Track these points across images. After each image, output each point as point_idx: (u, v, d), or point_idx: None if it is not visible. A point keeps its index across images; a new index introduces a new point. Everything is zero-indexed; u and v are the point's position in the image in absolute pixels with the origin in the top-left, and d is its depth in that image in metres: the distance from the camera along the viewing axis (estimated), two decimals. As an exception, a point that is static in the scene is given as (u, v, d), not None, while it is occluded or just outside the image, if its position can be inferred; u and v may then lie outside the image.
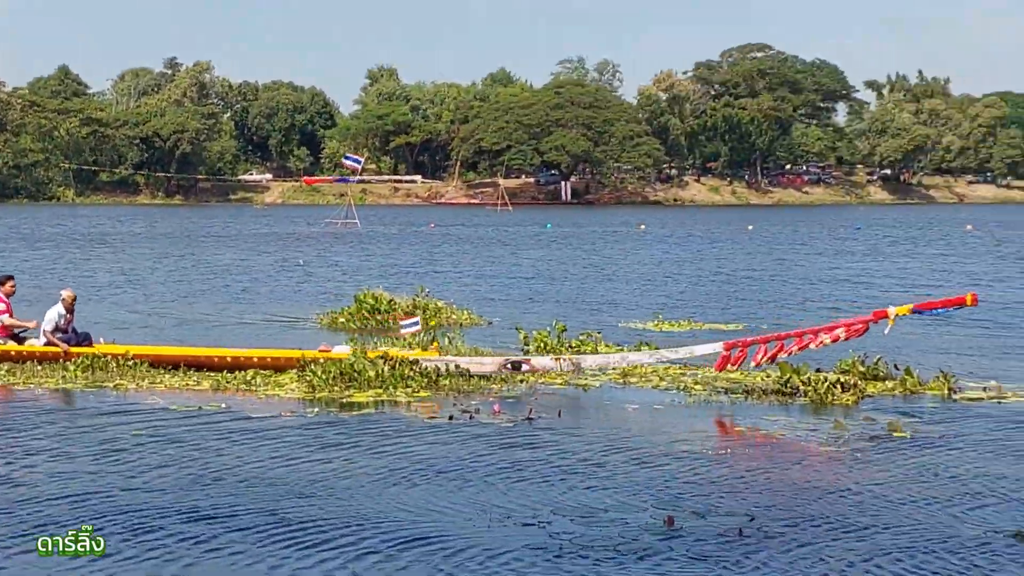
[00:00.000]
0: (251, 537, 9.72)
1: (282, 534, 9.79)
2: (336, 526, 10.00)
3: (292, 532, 9.83)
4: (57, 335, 18.48)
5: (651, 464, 12.29)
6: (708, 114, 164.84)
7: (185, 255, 50.50)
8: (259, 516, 10.28)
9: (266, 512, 10.39)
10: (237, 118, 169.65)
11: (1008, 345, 17.25)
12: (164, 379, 17.38)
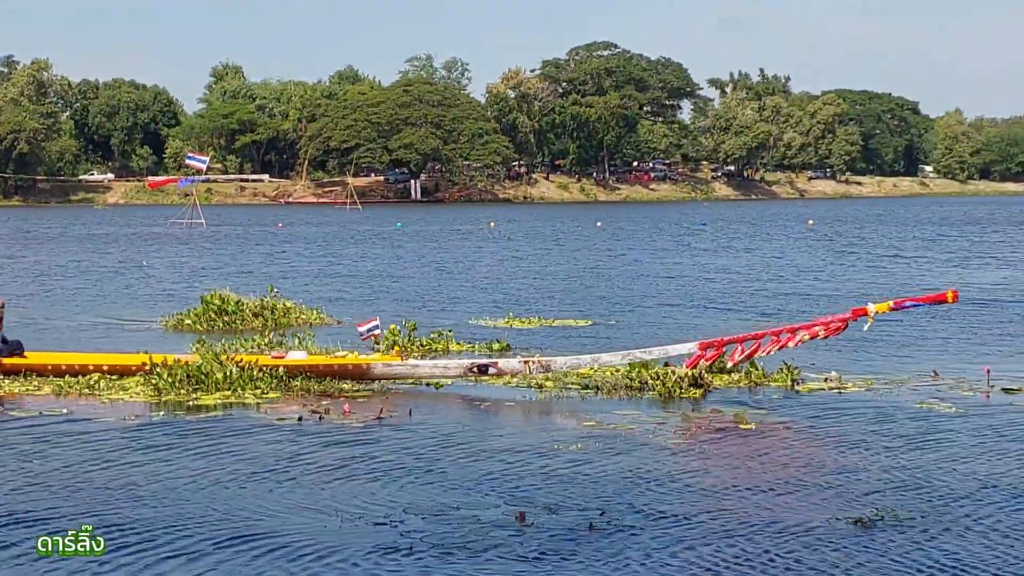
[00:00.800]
0: (117, 546, 9.45)
1: (119, 539, 9.54)
2: (182, 530, 9.80)
3: (132, 537, 9.60)
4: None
5: (502, 460, 12.32)
6: (556, 112, 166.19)
7: (19, 257, 49.13)
8: (112, 520, 10.02)
9: (104, 517, 10.13)
10: (77, 117, 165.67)
11: (847, 337, 17.72)
12: (3, 385, 16.84)
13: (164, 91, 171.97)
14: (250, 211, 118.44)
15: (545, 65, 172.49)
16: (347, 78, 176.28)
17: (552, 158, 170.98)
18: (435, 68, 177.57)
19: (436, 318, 25.29)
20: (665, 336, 22.03)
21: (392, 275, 38.99)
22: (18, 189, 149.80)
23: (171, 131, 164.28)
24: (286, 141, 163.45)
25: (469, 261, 46.01)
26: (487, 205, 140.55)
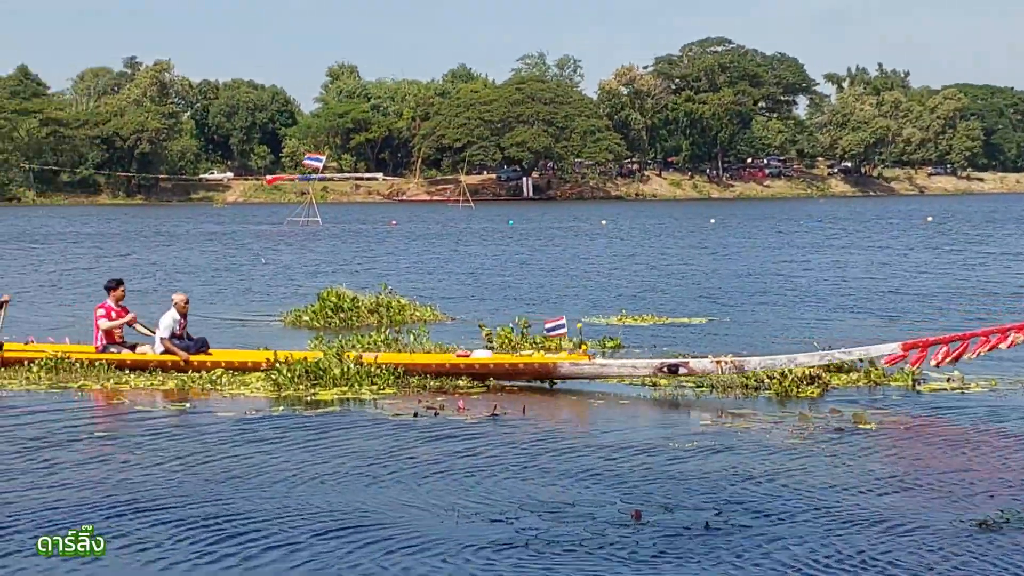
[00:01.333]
0: (207, 533, 9.64)
1: (245, 532, 9.71)
2: (302, 525, 9.94)
3: (255, 530, 9.76)
4: (174, 342, 17.81)
5: (618, 459, 12.28)
6: (669, 108, 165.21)
7: (141, 254, 50.16)
8: (218, 511, 10.20)
9: (229, 509, 10.31)
10: (197, 117, 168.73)
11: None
12: (130, 379, 17.23)
13: (281, 91, 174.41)
14: (364, 209, 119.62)
15: (658, 61, 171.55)
16: (460, 76, 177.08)
17: (665, 155, 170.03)
18: (548, 66, 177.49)
19: (548, 315, 25.26)
20: (783, 335, 21.80)
21: (504, 272, 39.08)
22: (141, 188, 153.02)
23: (288, 130, 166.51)
24: (400, 140, 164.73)
25: (581, 258, 45.95)
26: (599, 203, 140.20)
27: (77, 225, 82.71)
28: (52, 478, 11.58)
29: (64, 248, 55.64)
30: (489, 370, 16.98)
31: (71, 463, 12.25)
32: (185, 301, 18.31)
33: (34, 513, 10.20)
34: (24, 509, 10.36)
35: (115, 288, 18.48)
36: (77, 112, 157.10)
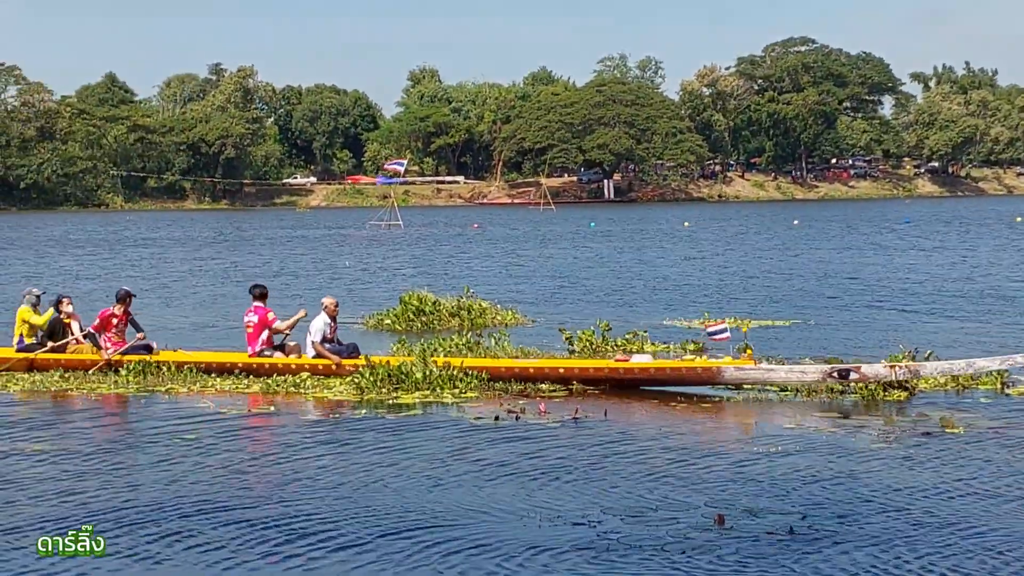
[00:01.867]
0: (289, 538, 9.71)
1: (326, 535, 9.77)
2: (382, 527, 9.98)
3: (338, 532, 9.81)
4: (326, 346, 17.75)
5: (700, 462, 12.19)
6: (752, 109, 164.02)
7: (224, 258, 50.73)
8: (296, 516, 10.28)
9: (306, 513, 10.39)
10: (281, 122, 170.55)
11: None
12: (215, 383, 17.43)
13: (363, 96, 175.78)
14: (446, 212, 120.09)
15: (741, 62, 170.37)
16: (541, 79, 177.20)
17: (748, 156, 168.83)
18: (629, 67, 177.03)
19: (630, 318, 25.19)
20: (870, 339, 21.45)
21: (585, 275, 39.01)
22: (226, 193, 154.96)
23: (370, 135, 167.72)
24: (481, 143, 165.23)
25: (662, 261, 45.74)
26: (681, 204, 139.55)
27: (166, 230, 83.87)
28: (125, 479, 11.74)
29: (159, 252, 56.44)
30: (649, 375, 16.54)
31: (144, 464, 12.45)
32: (335, 305, 18.28)
33: (105, 513, 10.38)
34: (97, 509, 10.54)
35: (263, 293, 18.48)
36: (164, 119, 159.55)
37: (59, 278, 39.60)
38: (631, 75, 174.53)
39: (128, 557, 9.25)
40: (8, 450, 13.16)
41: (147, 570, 9.04)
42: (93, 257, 52.97)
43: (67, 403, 16.53)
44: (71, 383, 17.72)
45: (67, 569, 8.80)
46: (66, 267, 46.14)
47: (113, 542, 9.59)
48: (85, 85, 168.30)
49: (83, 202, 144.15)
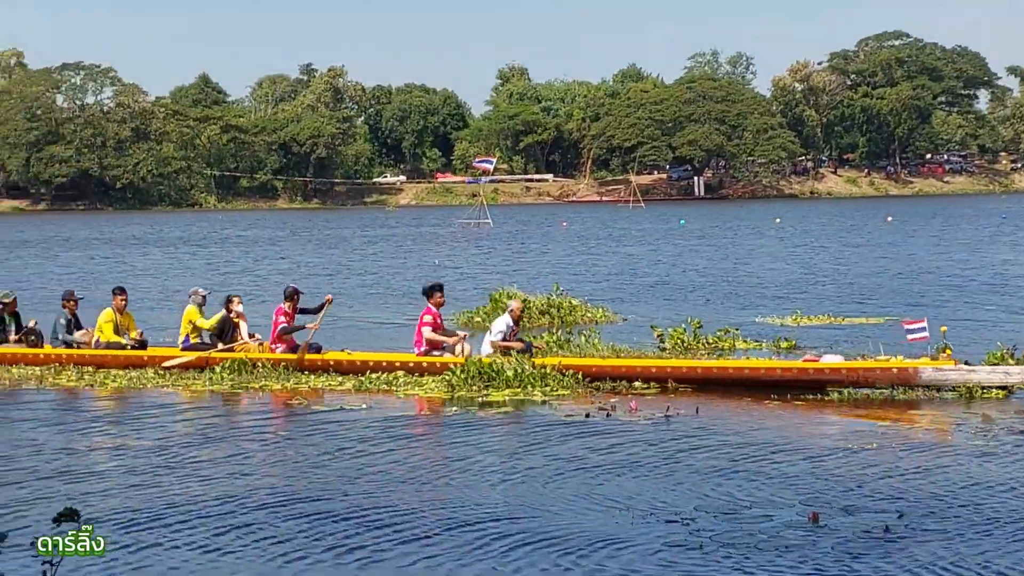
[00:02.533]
0: (380, 535, 9.77)
1: (421, 532, 9.81)
2: (475, 523, 10.00)
3: (431, 530, 9.85)
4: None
5: (794, 460, 12.06)
6: (845, 104, 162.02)
7: (315, 257, 51.19)
8: (388, 512, 10.33)
9: (400, 509, 10.44)
10: (371, 121, 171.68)
11: None
12: (309, 380, 17.59)
13: (453, 94, 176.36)
14: (535, 210, 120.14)
15: (833, 57, 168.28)
16: (630, 76, 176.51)
17: (840, 152, 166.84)
18: (720, 63, 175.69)
19: (721, 315, 25.02)
20: (968, 336, 21.07)
21: (675, 272, 38.82)
22: (317, 192, 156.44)
23: (459, 133, 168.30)
24: (570, 141, 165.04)
25: (754, 257, 45.37)
26: (772, 201, 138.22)
27: (262, 230, 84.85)
28: (201, 473, 11.94)
29: (257, 250, 57.15)
30: (840, 376, 16.08)
31: (220, 458, 12.64)
32: (521, 309, 18.40)
33: (177, 507, 10.57)
34: (170, 502, 10.73)
35: (435, 294, 18.38)
36: (256, 119, 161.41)
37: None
38: (722, 71, 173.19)
39: (197, 549, 9.44)
40: (88, 446, 13.44)
41: (214, 561, 9.22)
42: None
43: (160, 399, 16.78)
44: (166, 379, 18.00)
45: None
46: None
47: (182, 534, 9.81)
48: (179, 86, 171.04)
49: (177, 202, 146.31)
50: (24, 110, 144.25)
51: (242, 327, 19.07)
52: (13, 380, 18.20)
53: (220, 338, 18.92)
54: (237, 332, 18.99)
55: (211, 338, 19.02)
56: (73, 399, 16.83)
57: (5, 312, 20.03)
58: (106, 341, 19.26)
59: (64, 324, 19.69)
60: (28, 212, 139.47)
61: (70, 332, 19.62)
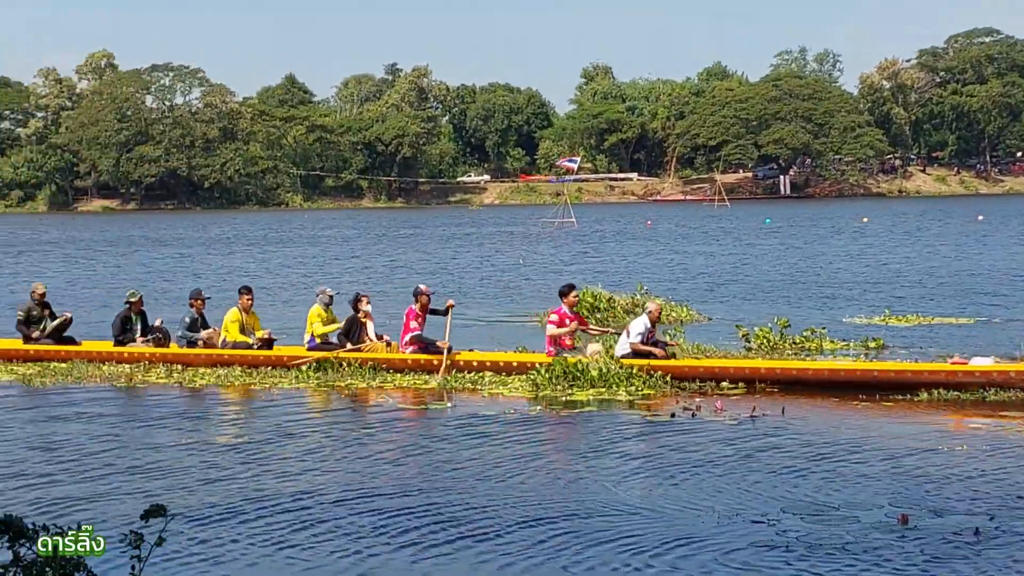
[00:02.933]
0: (456, 532, 9.83)
1: (497, 529, 9.84)
2: (553, 521, 10.01)
3: (508, 527, 9.88)
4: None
5: (883, 461, 11.94)
6: (934, 102, 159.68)
7: (397, 255, 51.47)
8: (464, 509, 10.38)
9: (476, 506, 10.48)
10: (455, 121, 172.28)
11: None
12: (395, 379, 17.70)
13: (537, 94, 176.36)
14: (619, 209, 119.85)
15: (922, 54, 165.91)
16: (715, 75, 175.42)
17: (929, 150, 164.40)
18: (806, 61, 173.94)
19: (807, 315, 24.79)
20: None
21: (761, 271, 38.52)
22: (401, 191, 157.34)
23: (543, 132, 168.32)
24: (654, 139, 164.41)
25: (841, 256, 44.87)
26: (859, 200, 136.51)
27: (346, 228, 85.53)
28: (275, 469, 12.08)
29: (351, 248, 57.65)
30: (990, 379, 15.47)
31: (300, 455, 12.79)
32: (659, 311, 18.04)
33: (246, 502, 10.72)
34: (242, 497, 10.87)
35: (568, 294, 18.40)
36: (341, 119, 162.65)
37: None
38: (808, 69, 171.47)
39: (273, 544, 9.57)
40: (171, 441, 13.67)
41: (290, 556, 9.34)
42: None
43: (245, 396, 17.00)
44: (253, 377, 18.20)
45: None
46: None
47: (258, 528, 9.97)
48: (266, 86, 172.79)
49: (264, 201, 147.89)
50: (114, 111, 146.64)
51: (369, 327, 18.85)
52: (103, 377, 18.48)
53: (347, 338, 18.67)
54: (364, 332, 18.78)
55: (338, 338, 18.77)
56: (160, 396, 17.08)
57: (131, 311, 20.11)
58: (232, 341, 19.20)
59: (188, 322, 19.60)
60: (118, 211, 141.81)
61: (193, 330, 19.54)
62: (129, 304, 20.24)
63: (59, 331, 20.47)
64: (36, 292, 20.88)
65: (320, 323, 18.99)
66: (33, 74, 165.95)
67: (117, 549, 5.56)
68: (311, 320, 19.10)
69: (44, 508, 10.53)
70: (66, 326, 20.62)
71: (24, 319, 20.55)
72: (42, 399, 16.90)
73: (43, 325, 20.45)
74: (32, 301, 20.77)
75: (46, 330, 20.36)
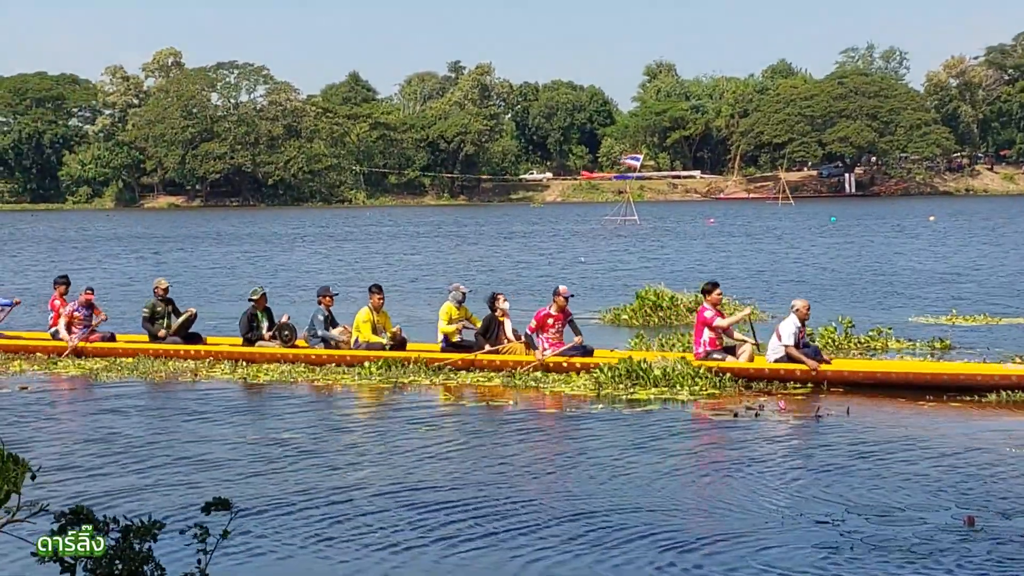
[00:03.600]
0: (503, 525, 9.83)
1: (543, 526, 9.82)
2: (607, 518, 9.97)
3: (554, 524, 9.86)
4: (802, 350, 16.64)
5: (950, 462, 11.78)
6: (1002, 100, 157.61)
7: (457, 252, 51.58)
8: (516, 504, 10.38)
9: (530, 501, 10.47)
10: (518, 118, 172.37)
11: None
12: (459, 376, 17.74)
13: (600, 91, 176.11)
14: (682, 207, 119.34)
15: (989, 51, 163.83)
16: (780, 72, 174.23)
17: (997, 148, 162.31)
18: (873, 59, 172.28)
19: (872, 315, 24.56)
20: None
21: (826, 270, 38.21)
22: (464, 189, 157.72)
23: (606, 130, 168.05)
24: (718, 137, 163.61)
25: (907, 255, 44.41)
26: (926, 198, 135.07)
27: (413, 225, 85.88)
28: (341, 461, 12.14)
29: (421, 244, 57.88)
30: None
31: (355, 450, 12.84)
32: (807, 307, 17.21)
33: (303, 495, 10.73)
34: (292, 492, 10.88)
35: (711, 292, 17.82)
36: (404, 116, 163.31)
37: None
38: (875, 66, 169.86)
39: (313, 538, 9.60)
40: (216, 435, 13.79)
41: (332, 547, 9.37)
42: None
43: (307, 392, 17.10)
44: (316, 373, 18.26)
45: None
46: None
47: (302, 522, 10.00)
48: (329, 84, 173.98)
49: (327, 198, 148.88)
50: (180, 108, 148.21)
51: (506, 325, 18.39)
52: (169, 373, 18.62)
53: (485, 337, 18.23)
54: (502, 331, 18.34)
55: (476, 337, 18.33)
56: (223, 391, 17.21)
57: (257, 308, 19.85)
58: (365, 341, 18.84)
59: (322, 320, 19.26)
60: (184, 208, 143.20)
61: (327, 328, 19.26)
62: (253, 301, 19.97)
63: (184, 328, 20.27)
64: (159, 288, 20.63)
65: (446, 321, 18.54)
66: (101, 72, 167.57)
67: (180, 540, 5.61)
68: (443, 318, 18.72)
69: (97, 499, 10.63)
70: (191, 322, 20.46)
71: (149, 316, 20.35)
72: (103, 391, 17.10)
73: (166, 322, 20.30)
74: (156, 297, 20.59)
75: (171, 328, 20.21)
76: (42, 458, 12.01)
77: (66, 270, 28.97)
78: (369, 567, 8.96)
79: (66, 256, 52.55)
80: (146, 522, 5.48)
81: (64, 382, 18.22)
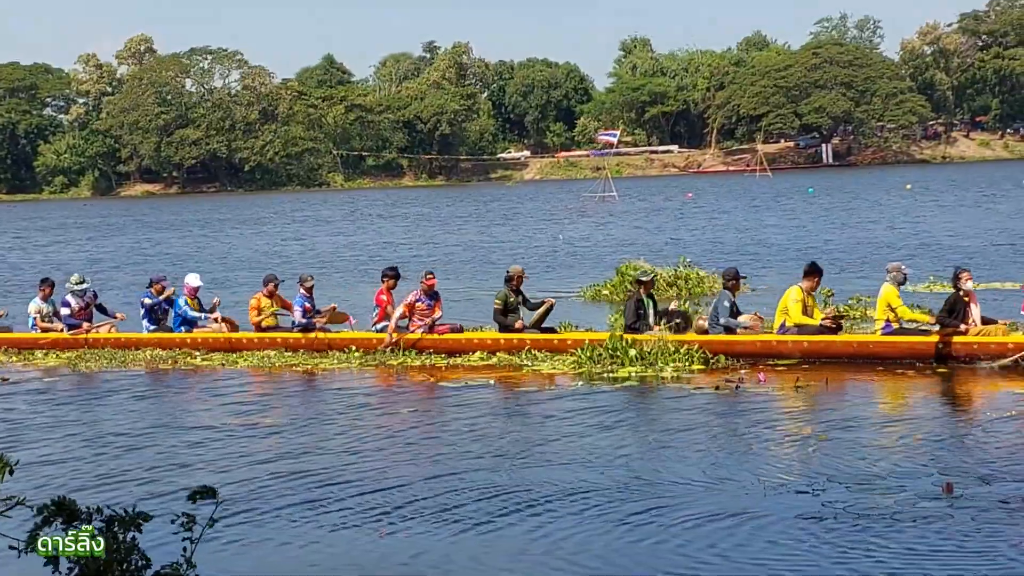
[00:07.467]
0: (501, 505, 9.86)
1: (538, 506, 9.87)
2: (598, 496, 10.02)
3: (560, 500, 9.90)
4: None
5: (929, 430, 11.88)
6: (976, 66, 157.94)
7: (440, 234, 51.56)
8: (511, 484, 10.42)
9: (526, 480, 10.52)
10: (494, 97, 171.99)
11: None
12: (449, 360, 17.68)
13: (576, 68, 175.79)
14: (660, 182, 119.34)
15: (963, 18, 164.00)
16: (755, 44, 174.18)
17: (973, 115, 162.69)
18: (847, 28, 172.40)
19: (851, 284, 24.65)
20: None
21: (804, 241, 38.30)
22: (442, 169, 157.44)
23: (583, 107, 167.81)
24: (694, 111, 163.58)
25: (886, 225, 44.54)
26: (903, 167, 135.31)
27: (399, 206, 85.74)
28: (331, 445, 12.13)
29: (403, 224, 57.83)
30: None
31: (342, 435, 12.85)
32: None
33: (294, 481, 10.76)
34: (282, 476, 10.92)
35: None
36: (380, 97, 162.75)
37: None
38: (849, 36, 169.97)
39: (309, 523, 9.63)
40: (225, 423, 13.82)
41: (331, 534, 9.38)
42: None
43: (329, 380, 17.12)
44: (338, 360, 18.11)
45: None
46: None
47: (296, 507, 10.03)
48: (304, 67, 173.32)
49: (305, 182, 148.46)
50: (154, 95, 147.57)
51: (973, 310, 16.01)
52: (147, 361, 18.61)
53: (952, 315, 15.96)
54: (968, 311, 15.93)
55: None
56: (240, 380, 17.21)
57: (641, 292, 17.89)
58: (793, 325, 16.64)
59: (728, 307, 17.14)
60: (160, 196, 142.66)
61: (734, 316, 17.18)
62: (640, 284, 18.28)
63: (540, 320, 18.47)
64: (515, 275, 18.88)
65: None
66: (74, 60, 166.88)
67: (166, 530, 5.62)
68: (883, 304, 16.57)
69: (84, 489, 10.64)
70: (547, 313, 18.52)
71: (502, 308, 18.30)
72: (88, 382, 17.09)
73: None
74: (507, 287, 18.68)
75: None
76: (23, 450, 12.01)
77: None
78: (359, 553, 8.99)
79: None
80: (131, 512, 5.48)
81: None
